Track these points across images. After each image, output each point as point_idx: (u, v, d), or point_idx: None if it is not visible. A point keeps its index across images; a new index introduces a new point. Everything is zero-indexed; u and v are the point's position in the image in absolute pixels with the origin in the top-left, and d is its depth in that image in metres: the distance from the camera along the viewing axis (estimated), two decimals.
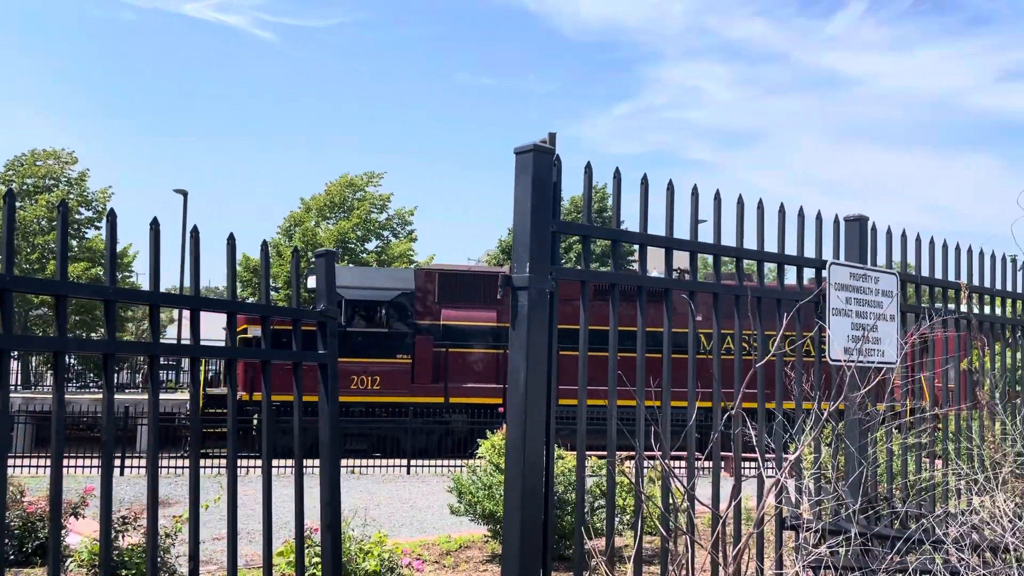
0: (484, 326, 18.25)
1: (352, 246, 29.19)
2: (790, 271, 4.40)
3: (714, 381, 3.75)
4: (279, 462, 13.53)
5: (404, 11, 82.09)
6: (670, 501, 3.56)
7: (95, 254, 26.49)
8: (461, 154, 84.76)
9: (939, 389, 5.28)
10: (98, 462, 12.48)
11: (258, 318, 3.17)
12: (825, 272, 4.32)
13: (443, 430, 17.65)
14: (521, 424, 3.24)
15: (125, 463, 14.19)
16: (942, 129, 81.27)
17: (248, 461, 14.02)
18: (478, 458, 8.05)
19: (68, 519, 6.57)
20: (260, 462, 2.93)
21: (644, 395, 3.52)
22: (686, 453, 3.75)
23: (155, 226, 2.68)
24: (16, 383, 24.80)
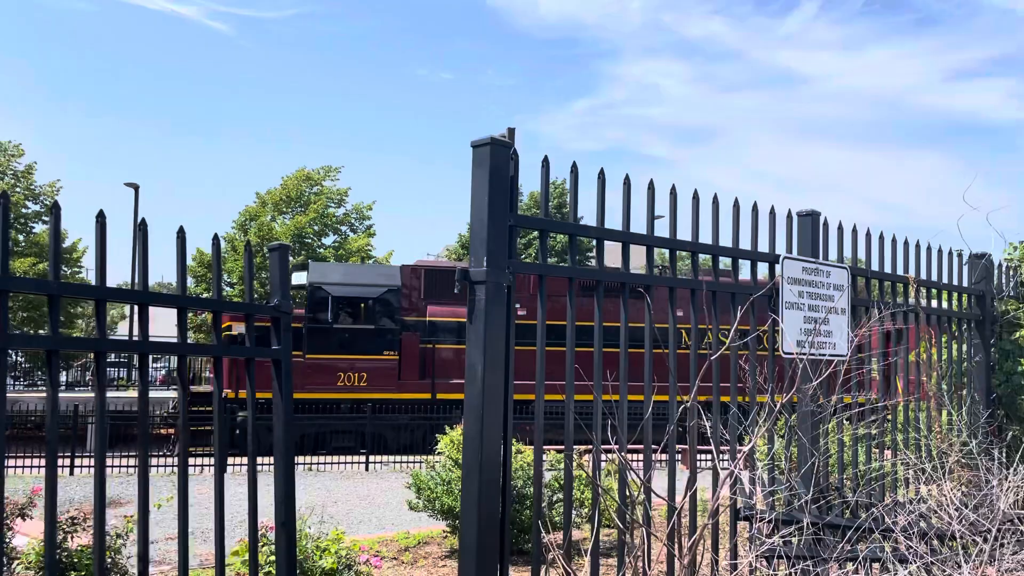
0: None
1: (309, 241, 28.84)
2: (745, 266, 4.46)
3: (670, 375, 3.78)
4: (235, 460, 13.39)
5: (361, 4, 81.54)
6: (627, 494, 3.58)
7: (43, 249, 25.81)
8: (420, 149, 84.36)
9: (897, 380, 5.40)
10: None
11: (242, 316, 3.15)
12: (778, 266, 4.39)
13: (428, 426, 17.57)
14: (479, 419, 3.23)
15: (75, 462, 13.88)
16: (894, 127, 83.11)
17: (200, 460, 13.80)
18: (437, 454, 8.02)
19: (15, 520, 6.39)
20: (214, 460, 2.90)
21: (601, 389, 3.54)
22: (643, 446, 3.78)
23: (101, 219, 2.62)
24: None
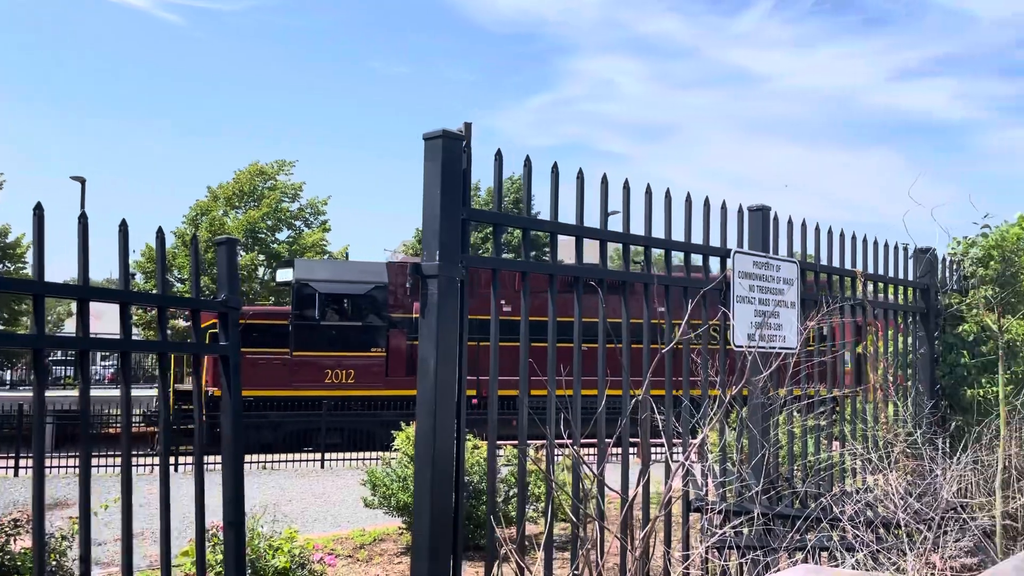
0: None
1: (263, 236, 28.43)
2: (696, 260, 4.50)
3: (622, 369, 3.80)
4: (206, 459, 13.14)
5: None
6: (581, 488, 3.59)
7: None
8: (376, 143, 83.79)
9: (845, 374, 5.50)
10: None
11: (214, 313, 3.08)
12: (729, 260, 4.43)
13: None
14: (431, 414, 3.21)
15: (21, 463, 13.49)
16: (846, 126, 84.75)
17: (146, 459, 13.52)
18: (394, 450, 7.97)
19: None
20: (159, 460, 2.82)
21: (555, 384, 3.54)
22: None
23: (39, 212, 2.55)
24: None
